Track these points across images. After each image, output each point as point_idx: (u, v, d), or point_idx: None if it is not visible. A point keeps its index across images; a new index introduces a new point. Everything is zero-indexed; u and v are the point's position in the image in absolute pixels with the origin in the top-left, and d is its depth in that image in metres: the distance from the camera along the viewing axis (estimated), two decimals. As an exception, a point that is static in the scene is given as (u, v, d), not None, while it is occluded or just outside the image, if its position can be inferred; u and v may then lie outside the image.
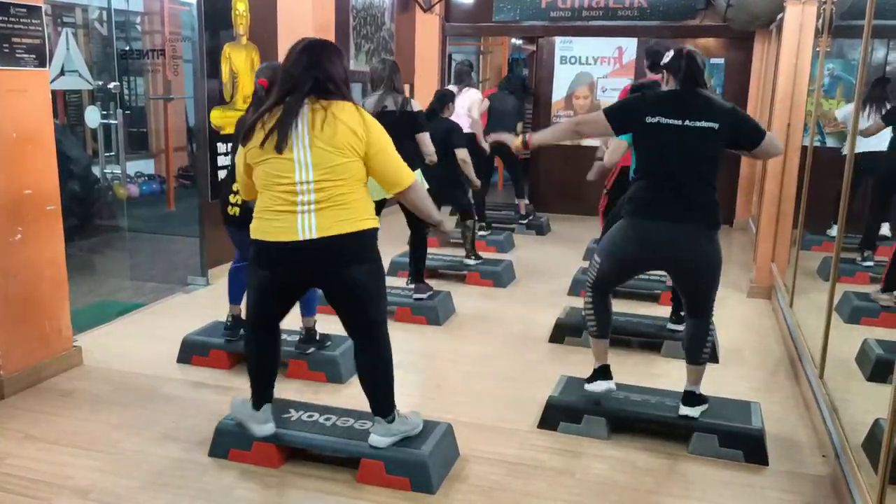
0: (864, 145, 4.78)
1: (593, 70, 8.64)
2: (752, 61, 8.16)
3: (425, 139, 4.48)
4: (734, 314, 5.09)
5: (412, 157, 4.36)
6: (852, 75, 6.31)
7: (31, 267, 3.59)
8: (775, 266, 5.39)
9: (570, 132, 3.15)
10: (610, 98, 8.40)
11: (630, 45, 8.44)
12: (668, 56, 3.02)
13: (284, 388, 3.55)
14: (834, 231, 4.99)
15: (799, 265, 4.70)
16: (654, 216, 2.93)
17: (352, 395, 3.57)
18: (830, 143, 6.32)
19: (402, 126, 4.30)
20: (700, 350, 3.10)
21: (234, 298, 3.89)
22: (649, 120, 2.87)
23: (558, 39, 8.69)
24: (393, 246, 4.95)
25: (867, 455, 2.69)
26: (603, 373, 3.20)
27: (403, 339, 4.44)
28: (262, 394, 2.84)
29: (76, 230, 6.14)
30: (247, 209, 2.99)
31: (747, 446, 3.02)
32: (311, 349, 3.76)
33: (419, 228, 4.80)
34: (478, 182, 5.83)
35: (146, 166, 8.54)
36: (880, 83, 5.16)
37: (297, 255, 2.52)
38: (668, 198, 2.90)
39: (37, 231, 3.60)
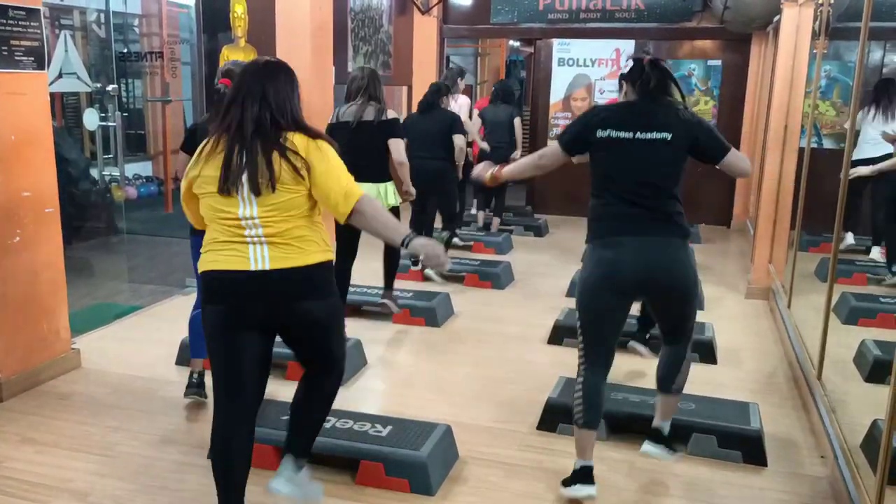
0: (871, 152, 4.79)
1: (591, 72, 8.66)
2: (748, 63, 8.18)
3: (398, 146, 4.30)
4: (732, 315, 5.10)
5: (388, 167, 4.31)
6: (849, 77, 6.34)
7: (30, 269, 3.58)
8: (773, 267, 5.40)
9: (533, 167, 2.95)
10: (606, 100, 8.42)
11: (627, 47, 8.46)
12: (628, 66, 2.84)
13: (283, 391, 3.54)
14: (849, 239, 5.02)
15: (796, 266, 4.71)
16: (615, 233, 2.66)
17: (350, 397, 3.57)
18: (828, 144, 6.34)
19: (379, 136, 4.22)
20: (674, 377, 2.82)
21: (197, 351, 3.43)
22: (600, 134, 2.67)
23: (556, 41, 8.70)
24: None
25: (865, 456, 2.69)
26: (585, 476, 2.69)
27: (402, 341, 4.45)
28: (227, 501, 2.38)
29: (74, 232, 6.14)
30: None
31: (746, 447, 3.02)
32: None
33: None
34: (460, 174, 5.81)
35: (144, 168, 8.54)
36: (885, 84, 5.16)
37: (249, 286, 2.28)
38: (625, 212, 2.65)
39: (35, 233, 3.59)
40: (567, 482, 2.74)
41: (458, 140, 5.44)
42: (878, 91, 5.14)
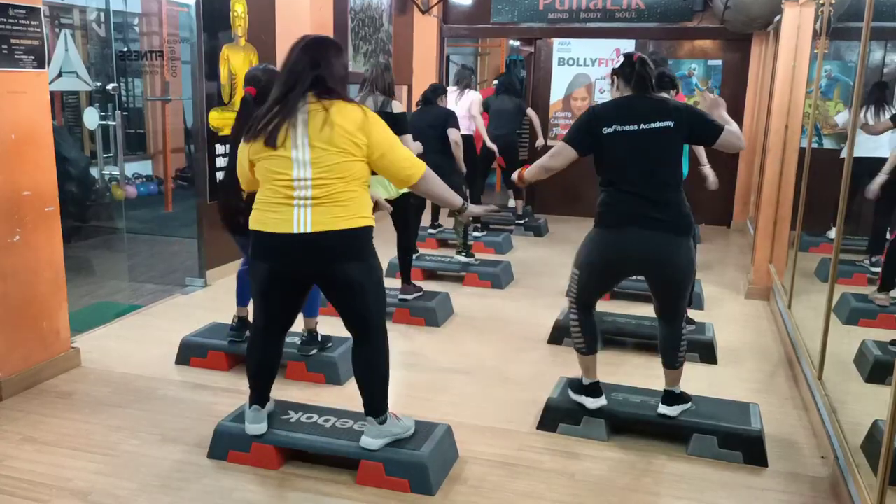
0: (866, 150, 4.79)
1: (591, 71, 8.66)
2: (749, 63, 8.18)
3: (406, 140, 4.39)
4: (732, 315, 5.10)
5: None
6: (849, 77, 6.34)
7: (30, 268, 3.58)
8: (773, 267, 5.40)
9: (543, 170, 3.09)
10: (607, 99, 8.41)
11: (628, 47, 8.45)
12: (619, 61, 3.00)
13: (283, 390, 3.55)
14: (833, 233, 5.01)
15: (797, 266, 4.71)
16: (623, 223, 2.90)
17: (351, 396, 3.56)
18: (828, 144, 6.34)
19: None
20: (675, 354, 3.09)
21: (241, 300, 3.88)
22: (606, 131, 2.84)
23: (556, 41, 8.70)
24: (390, 247, 4.94)
25: (866, 456, 2.69)
26: (593, 390, 3.16)
27: (402, 341, 4.45)
28: (257, 395, 2.87)
29: (74, 231, 6.14)
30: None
31: (746, 447, 3.02)
32: (314, 350, 3.76)
33: (402, 232, 4.81)
34: (463, 168, 5.83)
35: (144, 167, 8.53)
36: (880, 87, 5.17)
37: (293, 248, 2.54)
38: (634, 204, 2.86)
39: (35, 232, 3.59)
40: (577, 391, 3.17)
41: (453, 134, 5.45)
42: (872, 92, 5.16)
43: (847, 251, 4.77)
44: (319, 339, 3.80)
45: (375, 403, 2.77)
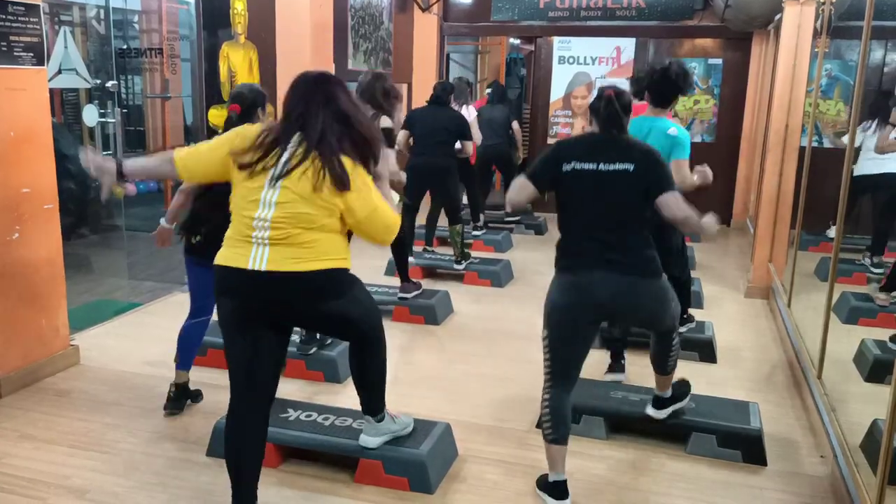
0: (872, 168, 4.78)
1: (591, 70, 8.65)
2: (749, 62, 8.17)
3: (388, 154, 4.31)
4: (732, 314, 5.10)
5: None
6: (850, 76, 6.33)
7: (29, 265, 3.58)
8: (773, 266, 5.39)
9: (512, 204, 2.87)
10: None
11: (628, 45, 8.45)
12: (592, 97, 2.85)
13: (282, 388, 3.54)
14: (832, 232, 5.01)
15: (796, 266, 4.71)
16: (580, 266, 2.68)
17: (350, 395, 3.56)
18: (827, 143, 6.33)
19: None
20: (666, 362, 3.04)
21: (183, 363, 3.35)
22: (565, 168, 2.67)
23: (556, 39, 8.69)
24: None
25: (865, 455, 2.69)
26: (560, 491, 2.68)
27: (401, 339, 4.44)
28: (239, 496, 2.41)
29: (73, 229, 6.13)
30: (212, 237, 2.65)
31: (746, 446, 3.02)
32: (313, 349, 3.75)
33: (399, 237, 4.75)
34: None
35: (143, 165, 8.51)
36: (884, 96, 5.15)
37: (250, 285, 2.32)
38: (590, 246, 2.66)
39: (34, 229, 3.59)
40: (542, 488, 2.76)
41: (468, 147, 5.55)
42: (876, 104, 5.13)
43: (846, 250, 4.78)
44: (318, 336, 3.80)
45: (373, 403, 2.75)
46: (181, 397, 3.36)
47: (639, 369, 3.99)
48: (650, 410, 3.12)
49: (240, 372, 2.41)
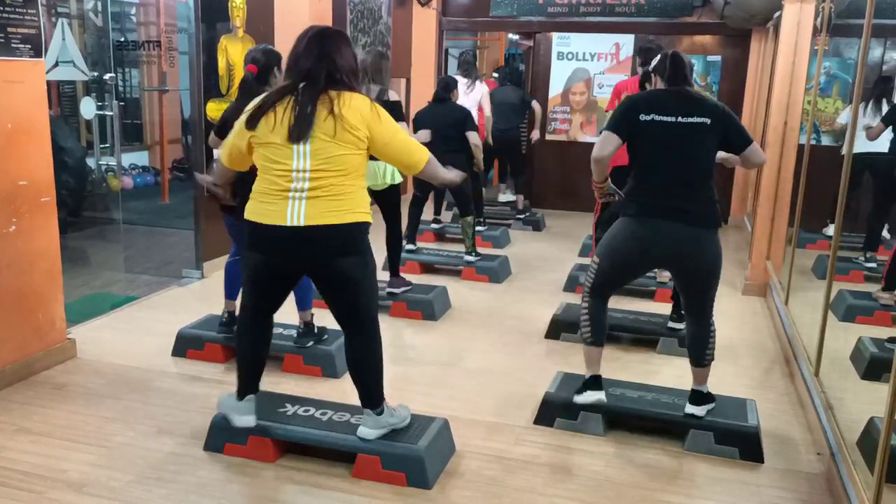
0: (865, 146, 4.80)
1: (590, 66, 8.64)
2: (748, 59, 8.17)
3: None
4: (729, 311, 5.10)
5: None
6: (848, 74, 6.33)
7: (25, 258, 3.56)
8: (770, 264, 5.40)
9: (599, 164, 3.00)
10: (606, 94, 8.40)
11: (627, 42, 8.44)
12: (655, 61, 3.05)
13: (280, 383, 3.55)
14: (830, 230, 5.01)
15: (794, 263, 4.71)
16: (652, 214, 2.90)
17: (347, 389, 3.55)
18: (826, 141, 6.34)
19: None
20: (703, 351, 3.07)
21: (231, 294, 3.84)
22: (643, 118, 2.87)
23: (555, 35, 8.67)
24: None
25: (862, 453, 2.70)
26: (594, 383, 3.12)
27: (399, 334, 4.44)
28: (246, 384, 2.83)
29: (70, 222, 6.11)
30: (244, 199, 2.96)
31: (743, 443, 3.02)
32: (311, 342, 3.75)
33: (393, 225, 4.75)
34: (482, 166, 5.91)
35: (140, 158, 8.50)
36: (882, 82, 5.16)
37: (285, 241, 2.52)
38: (664, 196, 2.88)
39: (31, 222, 3.57)
40: (579, 390, 3.11)
41: (473, 137, 5.50)
42: (874, 87, 5.15)
43: (844, 248, 4.78)
44: (316, 330, 3.79)
45: (371, 395, 2.76)
46: (232, 322, 3.73)
47: (636, 365, 4.00)
48: (690, 408, 3.08)
49: (254, 304, 2.76)
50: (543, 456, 3.01)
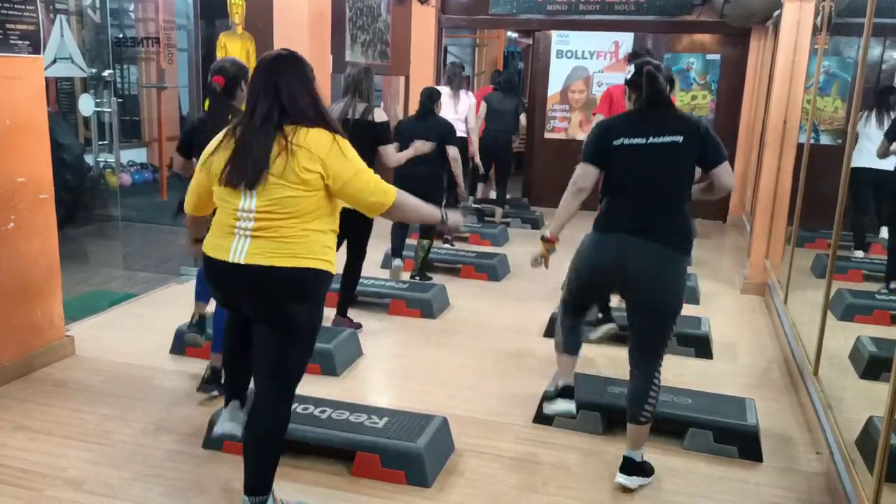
0: (871, 162, 4.79)
1: (589, 64, 8.64)
2: (747, 58, 8.17)
3: (387, 151, 4.23)
4: (728, 310, 5.11)
5: (372, 165, 4.19)
6: (847, 73, 6.34)
7: (24, 255, 3.56)
8: (769, 263, 5.40)
9: (574, 198, 2.89)
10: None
11: (626, 40, 8.44)
12: (629, 72, 2.90)
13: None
14: (860, 254, 4.99)
15: (793, 262, 4.71)
16: (617, 229, 2.78)
17: (347, 387, 3.57)
18: (825, 140, 6.34)
19: (359, 136, 3.79)
20: (642, 406, 2.76)
21: (201, 296, 3.62)
22: (615, 143, 2.76)
23: (554, 33, 8.67)
24: (383, 239, 4.92)
25: (861, 452, 2.70)
26: (565, 392, 3.00)
27: (398, 333, 4.44)
28: (229, 390, 2.71)
29: (69, 219, 6.10)
30: None
31: (742, 443, 3.02)
32: None
33: (355, 257, 4.31)
34: (463, 187, 5.70)
35: (138, 155, 8.48)
36: (884, 92, 5.15)
37: (229, 277, 2.33)
38: (632, 213, 2.76)
39: (29, 219, 3.56)
40: (551, 398, 3.05)
41: (452, 151, 5.31)
42: (876, 97, 5.14)
43: (843, 247, 4.79)
44: None
45: (260, 477, 2.41)
46: (201, 325, 3.65)
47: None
48: (619, 477, 2.78)
49: (231, 316, 2.59)
50: (542, 454, 3.01)
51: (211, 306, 3.44)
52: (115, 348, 3.96)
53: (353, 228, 3.92)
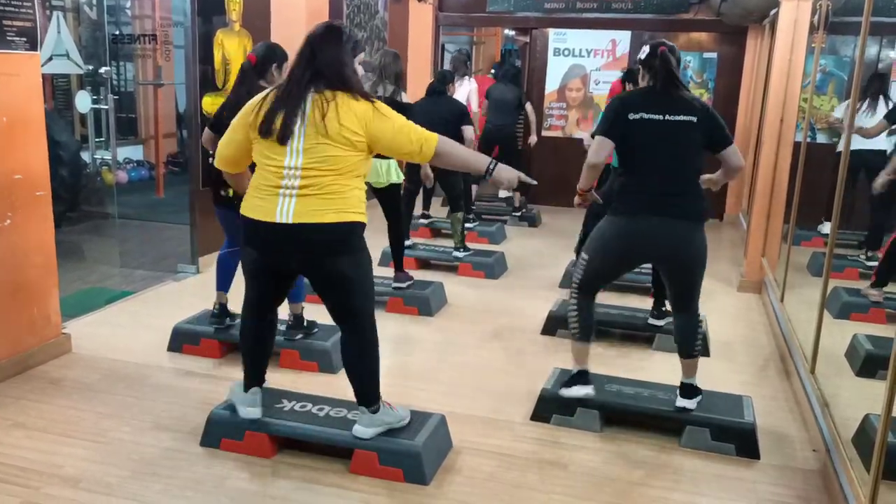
0: (863, 143, 4.79)
1: (586, 62, 8.63)
2: (744, 56, 8.18)
3: None
4: (724, 308, 5.12)
5: None
6: (844, 71, 6.34)
7: (20, 253, 3.55)
8: (766, 261, 5.41)
9: (593, 169, 3.09)
10: (602, 91, 8.41)
11: (624, 38, 8.44)
12: (644, 52, 3.04)
13: (277, 378, 3.53)
14: (826, 228, 4.99)
15: (790, 260, 4.72)
16: (642, 211, 2.95)
17: (344, 385, 3.53)
18: (821, 139, 6.35)
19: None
20: (692, 344, 3.13)
21: (222, 285, 3.84)
22: (632, 117, 2.91)
23: (552, 31, 8.67)
24: (381, 235, 4.91)
25: (857, 450, 2.71)
26: (582, 377, 3.18)
27: (395, 330, 4.44)
28: (251, 376, 2.88)
29: (65, 216, 6.08)
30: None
31: (739, 440, 3.03)
32: (299, 335, 3.75)
33: (395, 223, 4.78)
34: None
35: (135, 152, 8.45)
36: (878, 78, 5.16)
37: (276, 237, 2.52)
38: (654, 192, 2.93)
39: (26, 216, 3.55)
40: (568, 383, 3.17)
41: (468, 132, 5.42)
42: (870, 83, 5.15)
43: (839, 245, 4.79)
44: (305, 324, 3.79)
45: (367, 393, 2.75)
46: (223, 315, 3.83)
47: (631, 361, 4.00)
48: (681, 401, 3.11)
49: (256, 296, 2.77)
50: (540, 452, 3.01)
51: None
52: (111, 346, 3.95)
53: (388, 198, 4.63)
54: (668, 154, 2.92)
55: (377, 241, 4.55)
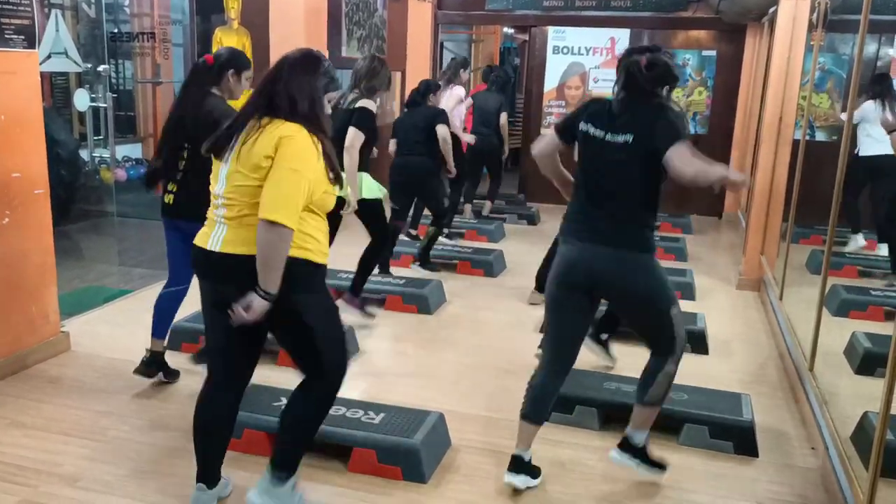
0: (874, 149, 4.76)
1: (585, 60, 8.63)
2: (743, 54, 8.18)
3: (349, 134, 4.06)
4: (723, 306, 5.12)
5: (364, 159, 4.17)
6: (843, 69, 6.33)
7: (19, 251, 3.54)
8: (765, 258, 5.42)
9: (538, 163, 2.82)
10: (601, 88, 8.41)
11: (623, 36, 8.44)
12: (621, 54, 2.72)
13: (275, 377, 3.53)
14: (859, 241, 4.96)
15: (788, 258, 4.72)
16: (575, 236, 2.62)
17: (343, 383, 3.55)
18: (820, 136, 6.34)
19: (340, 122, 4.01)
20: (647, 387, 2.69)
21: (156, 330, 3.44)
22: (581, 127, 2.61)
23: (551, 29, 8.66)
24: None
25: (856, 448, 2.71)
26: (513, 464, 2.70)
27: (394, 329, 4.44)
28: (203, 468, 2.48)
29: (64, 214, 6.08)
30: (187, 197, 3.04)
31: (737, 438, 3.03)
32: None
33: (374, 236, 4.45)
34: (453, 169, 5.66)
35: (134, 150, 8.45)
36: (880, 79, 5.14)
37: (209, 266, 2.31)
38: (587, 217, 2.60)
39: (24, 215, 3.55)
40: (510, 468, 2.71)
41: (441, 130, 5.25)
42: (875, 86, 5.11)
43: (837, 243, 4.79)
44: None
45: (291, 460, 2.41)
46: (152, 363, 3.43)
47: (632, 360, 4.00)
48: (612, 452, 2.80)
49: (216, 350, 2.45)
50: (538, 450, 2.99)
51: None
52: (110, 344, 3.95)
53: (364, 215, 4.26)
54: (602, 177, 2.57)
55: (361, 239, 4.55)
